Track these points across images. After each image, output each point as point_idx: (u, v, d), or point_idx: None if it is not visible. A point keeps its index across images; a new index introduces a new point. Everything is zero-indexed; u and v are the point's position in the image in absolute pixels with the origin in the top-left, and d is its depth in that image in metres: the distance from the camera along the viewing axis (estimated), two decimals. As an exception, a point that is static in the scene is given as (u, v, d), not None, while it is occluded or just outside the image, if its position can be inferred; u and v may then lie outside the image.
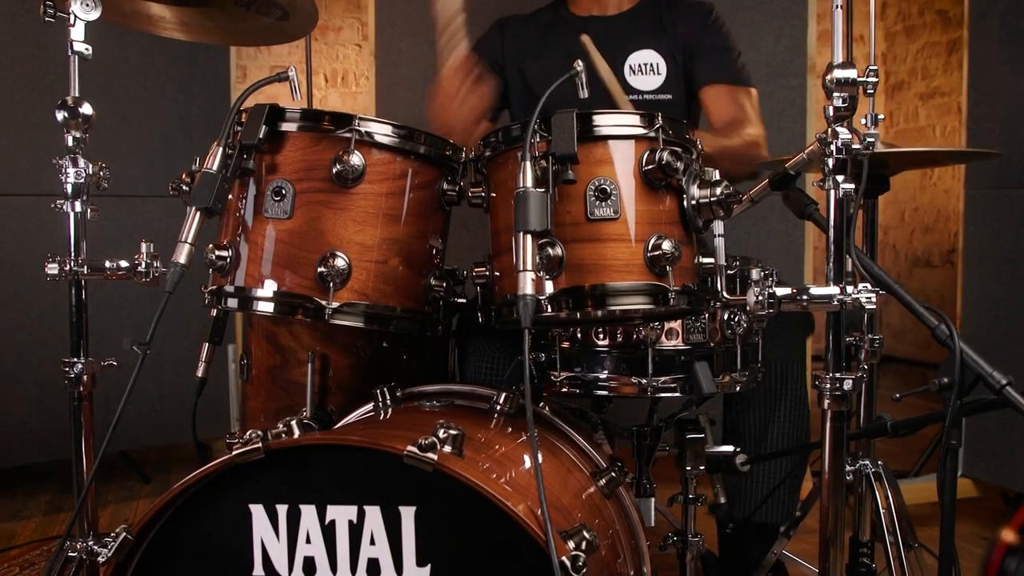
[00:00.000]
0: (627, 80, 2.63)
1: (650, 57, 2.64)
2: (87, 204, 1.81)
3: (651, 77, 2.63)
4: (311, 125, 1.69)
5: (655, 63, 2.64)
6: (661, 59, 2.65)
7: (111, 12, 1.83)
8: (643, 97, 2.62)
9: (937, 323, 1.64)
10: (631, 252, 1.57)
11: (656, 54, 2.64)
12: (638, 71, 2.63)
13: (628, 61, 2.65)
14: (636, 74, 2.63)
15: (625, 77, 2.63)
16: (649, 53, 2.65)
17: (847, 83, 1.55)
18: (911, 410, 2.00)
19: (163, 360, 3.58)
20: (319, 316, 1.64)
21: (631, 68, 2.63)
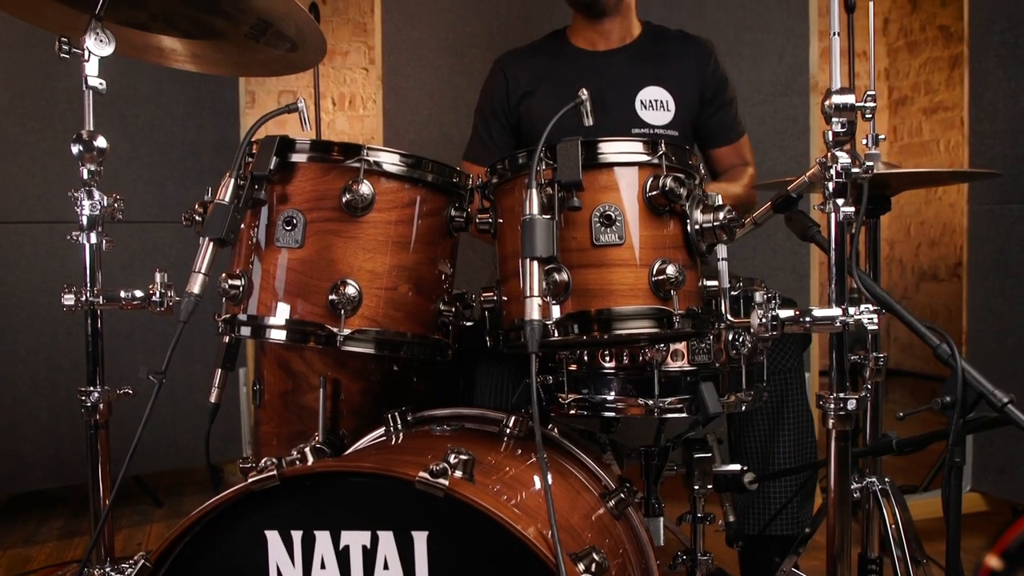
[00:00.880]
0: (639, 114, 2.70)
1: (660, 94, 2.71)
2: (102, 235, 1.84)
3: (661, 113, 2.69)
4: (321, 156, 1.72)
5: (665, 100, 2.70)
6: (670, 97, 2.72)
7: (124, 46, 1.87)
8: (654, 131, 2.69)
9: (939, 342, 1.66)
10: (636, 277, 1.60)
11: (665, 91, 2.72)
12: (649, 106, 2.68)
13: (639, 96, 2.70)
14: (647, 109, 2.68)
15: (636, 111, 2.69)
16: (659, 90, 2.72)
17: (846, 108, 1.58)
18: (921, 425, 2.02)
19: (175, 385, 3.61)
20: (331, 343, 1.66)
21: (642, 103, 2.69)
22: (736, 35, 3.56)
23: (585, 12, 2.76)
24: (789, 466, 2.42)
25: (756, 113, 3.53)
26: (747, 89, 3.50)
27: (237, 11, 1.91)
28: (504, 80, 2.84)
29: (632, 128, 2.68)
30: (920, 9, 5.78)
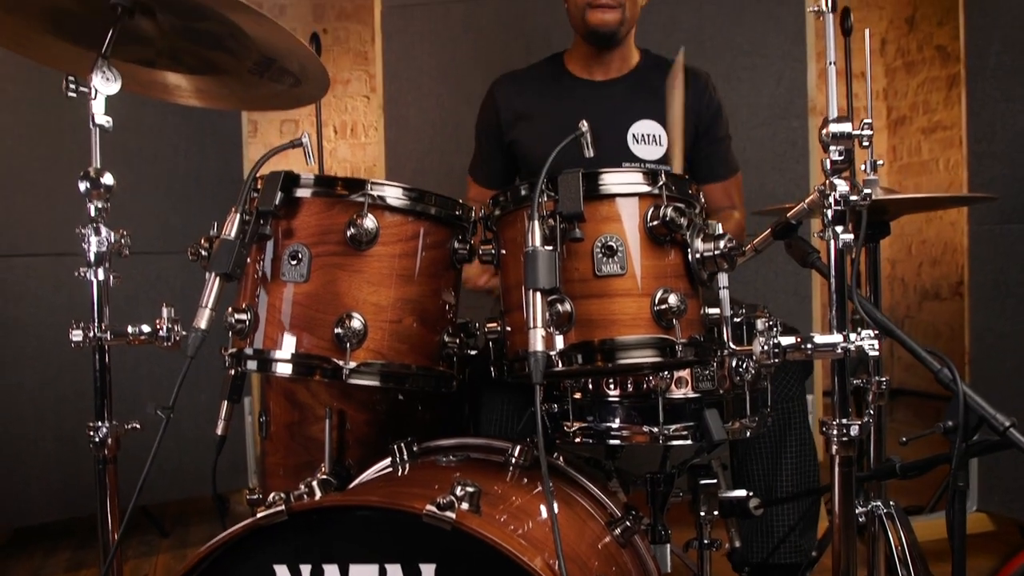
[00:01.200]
0: (630, 148, 2.70)
1: (652, 128, 2.71)
2: (109, 271, 1.86)
3: (653, 147, 2.69)
4: (325, 191, 1.75)
5: (657, 134, 2.70)
6: (663, 131, 2.70)
7: (129, 82, 1.88)
8: (645, 166, 2.68)
9: (940, 367, 1.68)
10: (638, 306, 1.62)
11: (658, 125, 2.70)
12: (641, 140, 2.69)
13: (631, 130, 2.70)
14: (639, 143, 2.68)
15: (628, 145, 2.70)
16: (651, 124, 2.71)
17: (843, 137, 1.60)
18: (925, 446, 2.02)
19: (180, 415, 3.55)
20: (337, 376, 1.68)
21: (634, 137, 2.69)
22: (734, 59, 3.59)
23: (598, 43, 2.76)
24: (792, 492, 2.42)
25: (755, 136, 3.55)
26: (745, 112, 3.52)
27: (241, 47, 1.93)
28: (495, 105, 2.86)
29: (623, 163, 2.68)
30: (917, 29, 5.82)
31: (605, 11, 2.65)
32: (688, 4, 3.57)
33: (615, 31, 2.69)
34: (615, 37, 2.71)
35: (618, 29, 2.69)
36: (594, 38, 2.74)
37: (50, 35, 1.99)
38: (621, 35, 2.72)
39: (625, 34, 2.74)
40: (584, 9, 2.67)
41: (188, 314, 1.86)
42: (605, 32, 2.69)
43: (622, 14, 2.67)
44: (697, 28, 3.59)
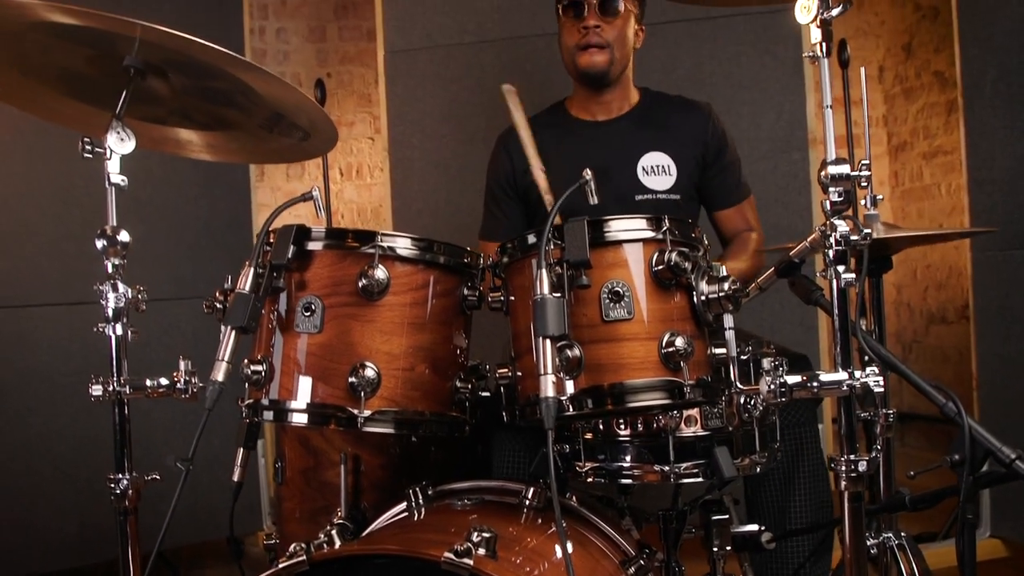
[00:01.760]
0: (640, 180, 2.76)
1: (661, 159, 2.77)
2: (127, 326, 1.90)
3: (663, 178, 2.75)
4: (336, 243, 1.79)
5: (666, 164, 2.76)
6: (672, 162, 2.78)
7: (142, 139, 1.93)
8: (656, 196, 2.75)
9: (945, 401, 1.70)
10: (646, 350, 1.65)
11: (666, 156, 2.77)
12: (651, 172, 2.75)
13: (641, 162, 2.77)
14: (649, 175, 2.74)
15: (639, 177, 2.76)
16: (660, 155, 2.78)
17: (841, 178, 1.64)
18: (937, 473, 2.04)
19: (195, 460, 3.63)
20: (352, 425, 1.71)
21: (644, 169, 2.75)
22: (733, 94, 3.63)
23: (591, 85, 2.83)
24: (805, 522, 2.44)
25: (757, 170, 3.58)
26: (747, 147, 3.55)
27: (251, 104, 1.98)
28: (508, 157, 2.91)
29: (635, 195, 2.74)
30: (914, 56, 5.87)
31: (593, 53, 2.74)
32: (687, 42, 3.62)
33: (605, 71, 2.76)
34: (606, 78, 2.78)
35: (608, 70, 2.76)
36: (586, 79, 2.82)
37: (64, 97, 2.04)
38: (612, 76, 2.78)
39: (617, 74, 2.80)
40: (574, 52, 2.77)
41: (202, 361, 1.91)
42: (595, 73, 2.77)
43: (611, 55, 2.74)
44: (696, 65, 3.64)
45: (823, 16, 1.68)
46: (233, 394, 1.81)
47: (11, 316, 3.47)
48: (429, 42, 3.78)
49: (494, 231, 2.94)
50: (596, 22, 2.71)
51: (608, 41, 2.73)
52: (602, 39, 2.72)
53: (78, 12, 1.71)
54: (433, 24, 3.78)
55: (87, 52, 1.87)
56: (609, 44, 2.73)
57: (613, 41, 2.73)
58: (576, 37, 2.75)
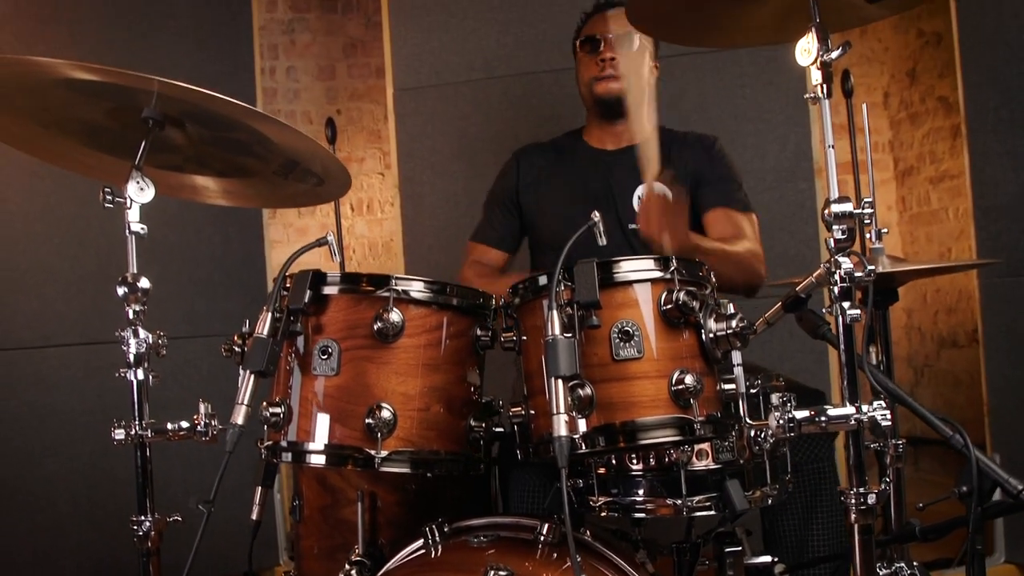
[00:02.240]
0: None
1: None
2: (148, 371, 1.94)
3: None
4: (351, 287, 1.84)
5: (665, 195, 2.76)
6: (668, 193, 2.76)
7: (160, 187, 1.98)
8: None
9: (952, 433, 1.73)
10: (656, 388, 1.69)
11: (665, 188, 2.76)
12: None
13: (637, 192, 2.79)
14: None
15: (634, 207, 2.79)
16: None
17: (845, 216, 1.68)
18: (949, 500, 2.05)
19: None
20: (369, 465, 1.75)
21: (639, 199, 2.76)
22: (739, 126, 3.67)
23: (607, 114, 2.90)
24: (825, 553, 2.45)
25: (763, 200, 3.60)
26: (752, 178, 3.58)
27: (266, 152, 2.03)
28: (516, 170, 3.04)
29: (629, 224, 2.77)
30: (918, 82, 5.92)
31: (609, 81, 2.83)
32: (692, 75, 3.66)
33: (620, 99, 2.82)
34: (621, 105, 2.83)
35: (623, 97, 2.81)
36: (602, 107, 2.90)
37: (85, 147, 2.09)
38: (628, 105, 2.82)
39: (632, 104, 2.82)
40: (591, 82, 2.86)
41: (218, 398, 1.96)
42: (610, 100, 2.85)
43: (627, 84, 2.81)
44: (702, 97, 3.68)
45: (823, 58, 1.73)
46: (250, 433, 1.84)
47: (30, 357, 3.52)
48: (437, 80, 3.84)
49: (484, 234, 3.05)
50: (612, 54, 2.81)
51: (624, 72, 2.82)
52: (618, 71, 2.81)
53: (99, 70, 1.76)
54: (441, 62, 3.84)
55: (107, 105, 1.93)
56: (626, 75, 2.82)
57: (631, 73, 2.82)
58: (594, 70, 2.85)
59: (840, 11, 1.99)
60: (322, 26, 5.61)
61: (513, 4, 3.80)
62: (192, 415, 2.00)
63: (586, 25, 2.95)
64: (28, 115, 1.99)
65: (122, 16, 3.76)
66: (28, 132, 2.06)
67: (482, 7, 3.81)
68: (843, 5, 1.97)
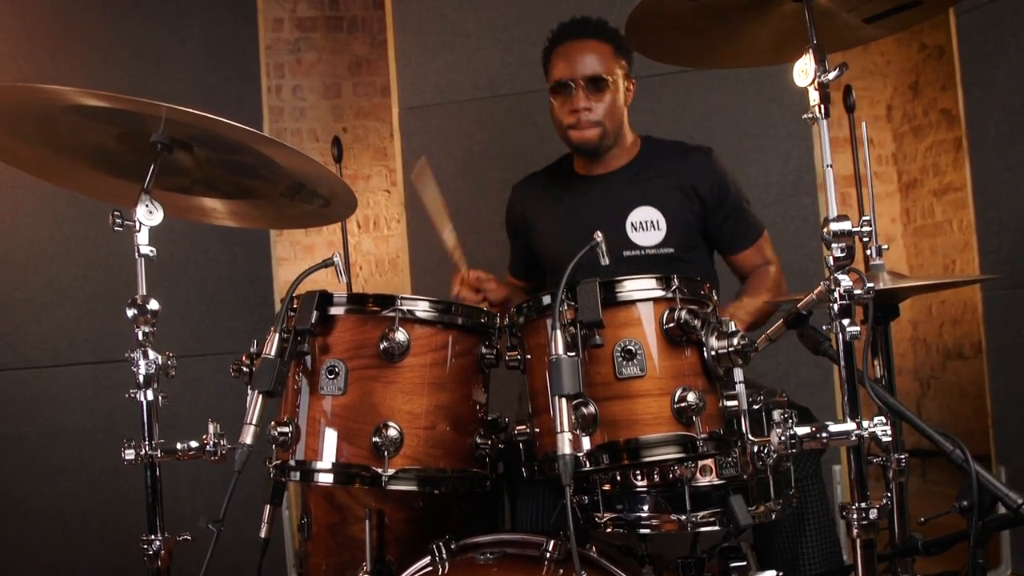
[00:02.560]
0: (629, 237, 2.78)
1: (650, 214, 2.78)
2: (158, 391, 1.97)
3: (652, 233, 2.76)
4: (357, 308, 1.87)
5: (655, 219, 2.77)
6: (661, 216, 2.78)
7: (168, 208, 2.00)
8: (645, 252, 2.77)
9: (952, 448, 1.75)
10: (659, 406, 1.72)
11: (656, 211, 2.78)
12: (639, 228, 2.76)
13: (629, 218, 2.79)
14: (638, 231, 2.76)
15: (627, 234, 2.78)
16: (649, 210, 2.78)
17: (844, 234, 1.70)
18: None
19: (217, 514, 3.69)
20: (376, 484, 1.78)
21: (632, 225, 2.78)
22: (741, 141, 3.69)
23: (585, 155, 2.88)
24: (816, 568, 2.46)
25: (767, 214, 3.61)
26: (756, 192, 3.60)
27: (273, 175, 2.06)
28: (515, 206, 3.07)
29: (623, 251, 2.76)
30: (921, 95, 5.94)
31: (585, 129, 2.77)
32: (695, 92, 3.70)
33: (597, 145, 2.80)
34: (598, 150, 2.83)
35: (599, 143, 2.80)
36: (579, 152, 2.88)
37: (94, 171, 2.12)
38: (604, 146, 2.82)
39: (610, 142, 2.83)
40: (566, 129, 2.80)
41: (226, 416, 1.99)
42: (588, 148, 2.82)
43: (602, 129, 2.77)
44: (704, 114, 3.71)
45: (820, 79, 1.76)
46: (258, 451, 1.87)
47: (40, 376, 3.55)
48: (442, 98, 3.87)
49: (512, 267, 3.16)
50: (585, 103, 2.74)
51: (599, 119, 2.76)
52: (591, 119, 2.75)
53: (108, 96, 1.79)
54: (445, 80, 3.88)
55: (116, 130, 1.96)
56: (600, 121, 2.76)
57: (603, 117, 2.76)
58: (568, 119, 2.78)
59: (837, 32, 2.03)
60: (328, 45, 5.66)
61: (517, 23, 3.83)
62: (200, 433, 2.02)
63: (554, 58, 2.85)
64: (39, 140, 2.02)
65: (131, 36, 3.82)
66: (38, 156, 2.09)
67: (486, 26, 3.85)
68: (840, 26, 2.00)
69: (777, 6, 1.92)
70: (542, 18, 3.76)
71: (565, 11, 3.55)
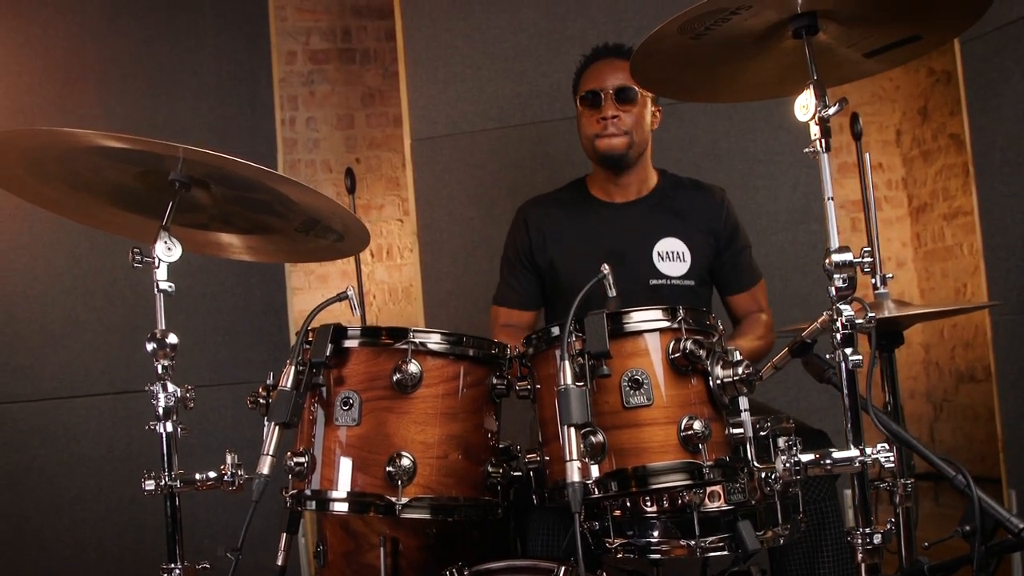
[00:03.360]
0: (656, 266, 2.83)
1: (676, 245, 2.84)
2: (177, 423, 2.01)
3: (678, 264, 2.83)
4: (371, 340, 1.92)
5: (681, 251, 2.84)
6: (686, 248, 2.84)
7: (186, 244, 2.05)
8: (670, 282, 2.82)
9: (955, 474, 1.78)
10: (666, 434, 1.76)
11: (681, 243, 2.84)
12: (666, 257, 2.83)
13: (656, 247, 2.85)
14: (664, 260, 2.82)
15: (654, 263, 2.84)
16: (675, 241, 2.85)
17: (845, 265, 1.75)
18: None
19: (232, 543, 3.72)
20: (390, 512, 1.82)
21: (659, 255, 2.84)
22: (749, 168, 3.73)
23: (611, 168, 2.92)
24: None
25: (775, 241, 3.67)
26: (764, 219, 3.65)
27: (288, 211, 2.11)
28: (526, 230, 3.02)
29: (650, 280, 2.82)
30: (930, 120, 5.98)
31: (612, 138, 2.83)
32: (703, 120, 3.74)
33: (624, 154, 2.85)
34: (624, 160, 2.87)
35: (626, 153, 2.85)
36: (606, 163, 2.91)
37: (113, 207, 2.18)
38: (631, 158, 2.88)
39: (636, 156, 2.89)
40: (593, 139, 2.87)
41: (241, 445, 2.04)
42: (614, 156, 2.86)
43: (629, 139, 2.84)
44: (712, 142, 3.74)
45: (820, 114, 1.80)
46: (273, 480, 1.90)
47: (59, 407, 3.61)
48: (453, 129, 3.92)
49: (507, 298, 3.03)
50: (614, 112, 2.81)
51: (626, 128, 2.83)
52: (619, 128, 2.82)
53: (128, 139, 1.86)
54: (456, 112, 3.93)
55: (135, 169, 2.02)
56: (628, 130, 2.83)
57: (631, 128, 2.83)
58: (595, 127, 2.85)
59: (838, 66, 2.07)
60: (340, 77, 5.73)
61: (527, 55, 3.88)
62: (215, 461, 2.06)
63: (585, 75, 2.95)
64: (60, 179, 2.08)
65: (146, 71, 3.89)
66: (59, 194, 2.15)
67: (497, 58, 3.90)
68: (840, 61, 2.05)
69: (778, 42, 1.97)
70: (551, 50, 3.84)
71: (574, 43, 3.63)
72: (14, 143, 1.97)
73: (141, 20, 3.90)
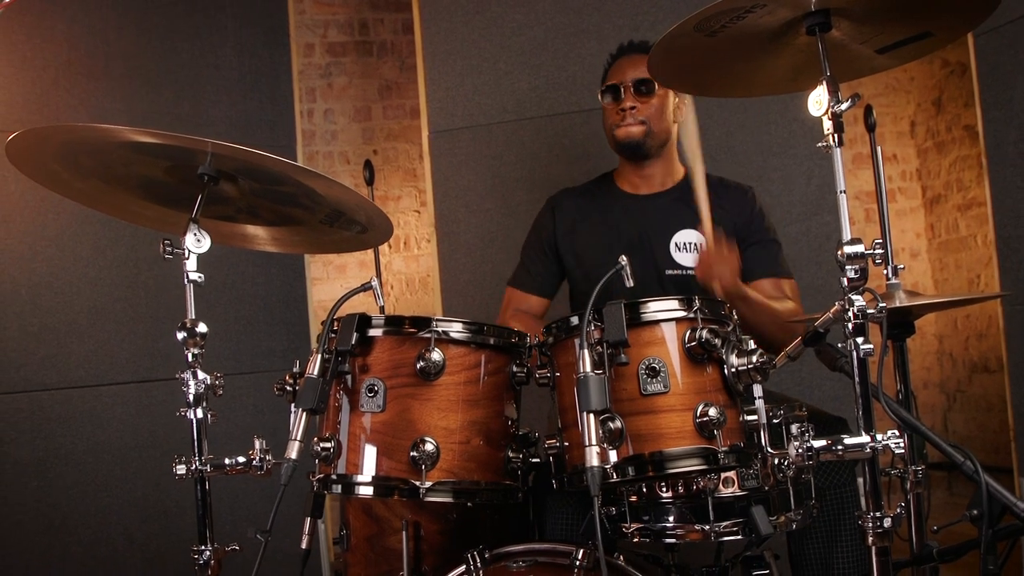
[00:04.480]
0: (672, 256, 2.90)
1: (693, 237, 2.90)
2: (207, 410, 2.07)
3: (694, 255, 2.88)
4: (395, 329, 1.97)
5: (699, 243, 2.88)
6: (703, 241, 2.87)
7: (213, 235, 2.11)
8: (686, 272, 2.87)
9: (963, 460, 1.83)
10: (682, 420, 1.81)
11: (699, 234, 2.87)
12: (683, 248, 2.89)
13: (674, 239, 2.91)
14: (681, 251, 2.89)
15: (671, 253, 2.90)
16: (693, 233, 2.90)
17: (857, 256, 1.79)
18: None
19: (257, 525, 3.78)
20: (414, 496, 1.88)
21: (676, 245, 2.90)
22: (764, 161, 3.77)
23: (630, 156, 2.99)
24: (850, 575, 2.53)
25: (790, 233, 3.70)
26: (780, 211, 3.68)
27: (314, 203, 2.16)
28: (552, 217, 3.10)
29: (666, 269, 2.88)
30: (944, 111, 6.00)
31: (629, 126, 2.91)
32: (718, 114, 3.78)
33: (641, 142, 2.92)
34: (642, 148, 2.94)
35: (644, 140, 2.92)
36: (625, 151, 2.99)
37: (144, 200, 2.24)
38: (650, 146, 2.94)
39: (655, 146, 2.95)
40: (613, 129, 2.96)
41: (263, 431, 2.10)
42: (631, 143, 2.93)
43: (647, 128, 2.91)
44: (727, 135, 3.79)
45: (833, 110, 1.85)
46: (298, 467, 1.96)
47: (85, 395, 3.66)
48: (471, 121, 3.97)
49: (523, 281, 3.12)
50: (632, 103, 2.89)
51: (643, 118, 2.90)
52: (636, 118, 2.90)
53: (159, 134, 1.92)
54: (474, 104, 3.98)
55: (165, 164, 2.07)
56: (645, 120, 2.91)
57: (650, 117, 2.91)
58: (615, 118, 2.94)
59: (851, 62, 2.11)
60: (358, 69, 5.78)
61: (544, 47, 3.93)
62: (237, 447, 2.12)
63: (609, 73, 3.03)
64: (92, 173, 2.13)
65: (169, 66, 3.96)
66: (91, 187, 2.21)
67: (514, 50, 3.95)
68: (853, 57, 2.09)
69: (792, 39, 2.01)
70: (568, 43, 3.89)
71: (590, 36, 3.67)
72: (50, 138, 2.03)
73: (164, 15, 3.96)
